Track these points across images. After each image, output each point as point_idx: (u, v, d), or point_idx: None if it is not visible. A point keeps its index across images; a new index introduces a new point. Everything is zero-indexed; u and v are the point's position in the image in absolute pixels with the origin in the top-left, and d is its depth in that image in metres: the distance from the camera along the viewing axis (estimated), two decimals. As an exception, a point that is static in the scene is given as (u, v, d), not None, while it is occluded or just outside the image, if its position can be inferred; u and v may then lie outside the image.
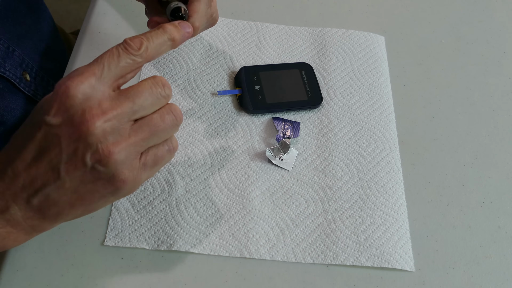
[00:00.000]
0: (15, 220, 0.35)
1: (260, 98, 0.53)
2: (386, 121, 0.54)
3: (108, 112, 0.33)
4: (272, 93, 0.53)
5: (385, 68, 0.58)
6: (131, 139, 0.34)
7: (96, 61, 0.34)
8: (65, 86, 0.32)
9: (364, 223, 0.47)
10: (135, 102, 0.34)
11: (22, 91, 0.53)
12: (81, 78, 0.33)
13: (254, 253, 0.45)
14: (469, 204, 0.50)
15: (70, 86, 0.32)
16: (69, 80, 0.32)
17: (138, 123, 0.35)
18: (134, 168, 0.35)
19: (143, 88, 0.35)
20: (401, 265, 0.45)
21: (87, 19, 0.58)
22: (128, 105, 0.34)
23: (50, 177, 0.34)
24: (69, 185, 0.34)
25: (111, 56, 0.34)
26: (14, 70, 0.52)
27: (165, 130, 0.36)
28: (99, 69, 0.34)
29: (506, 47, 0.63)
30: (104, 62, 0.34)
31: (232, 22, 0.59)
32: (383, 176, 0.50)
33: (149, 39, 0.36)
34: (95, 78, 0.33)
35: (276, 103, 0.53)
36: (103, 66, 0.34)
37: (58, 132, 0.33)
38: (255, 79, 0.54)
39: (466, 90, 0.58)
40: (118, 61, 0.34)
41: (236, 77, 0.55)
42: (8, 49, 0.51)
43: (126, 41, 0.35)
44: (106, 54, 0.34)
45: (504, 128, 0.56)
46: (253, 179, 0.49)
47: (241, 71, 0.54)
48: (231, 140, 0.51)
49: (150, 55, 0.36)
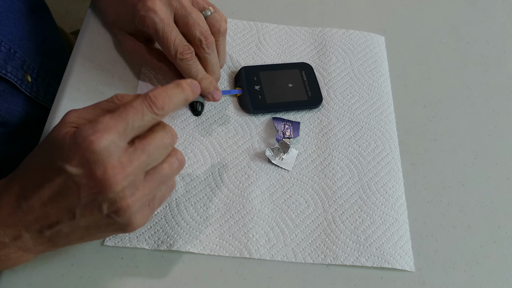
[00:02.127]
0: (27, 246, 0.37)
1: (260, 98, 0.53)
2: (386, 121, 0.54)
3: (127, 168, 0.34)
4: (272, 93, 0.53)
5: (385, 68, 0.58)
6: (145, 190, 0.36)
7: (121, 116, 0.34)
8: (89, 141, 0.33)
9: (364, 223, 0.47)
10: (150, 156, 0.36)
11: (23, 93, 0.53)
12: (105, 135, 0.33)
13: (254, 253, 0.45)
14: (469, 204, 0.50)
15: (94, 141, 0.33)
16: (94, 135, 0.33)
17: (150, 174, 0.37)
18: (145, 214, 0.38)
19: (156, 142, 0.36)
20: (401, 265, 0.45)
21: (87, 19, 0.58)
22: (143, 159, 0.35)
23: (65, 216, 0.35)
24: (83, 225, 0.36)
25: (136, 114, 0.35)
26: (15, 72, 0.52)
27: (172, 176, 0.39)
28: (123, 126, 0.34)
29: (506, 47, 0.63)
30: (128, 119, 0.34)
31: (232, 22, 0.59)
32: (383, 176, 0.50)
33: (170, 98, 0.37)
34: (118, 135, 0.34)
35: (276, 103, 0.53)
36: (127, 123, 0.34)
37: (78, 181, 0.34)
38: (255, 79, 0.54)
39: (466, 90, 0.58)
40: (141, 119, 0.35)
41: (236, 77, 0.55)
42: (10, 50, 0.51)
43: (152, 98, 0.36)
44: (131, 109, 0.35)
45: (504, 128, 0.56)
46: (253, 179, 0.49)
47: (241, 71, 0.54)
48: (231, 140, 0.51)
49: (167, 113, 0.37)
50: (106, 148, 0.33)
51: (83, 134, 0.33)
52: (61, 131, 0.35)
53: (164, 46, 0.46)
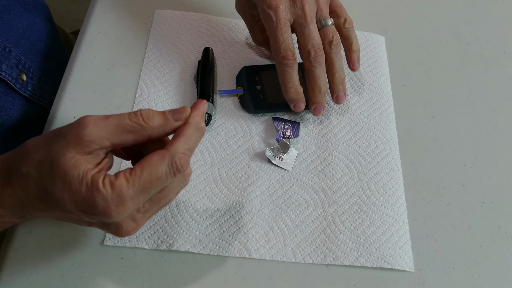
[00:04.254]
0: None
1: (261, 98, 0.53)
2: (386, 121, 0.54)
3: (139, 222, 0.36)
4: (273, 93, 0.53)
5: (385, 68, 0.58)
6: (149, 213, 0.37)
7: (144, 188, 0.33)
8: (108, 212, 0.33)
9: (363, 223, 0.47)
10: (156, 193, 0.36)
11: (18, 92, 0.53)
12: (126, 210, 0.33)
13: (253, 253, 0.45)
14: (469, 204, 0.50)
15: (112, 214, 0.33)
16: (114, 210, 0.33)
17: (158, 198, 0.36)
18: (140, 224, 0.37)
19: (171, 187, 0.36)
20: (401, 266, 0.45)
21: (87, 19, 0.58)
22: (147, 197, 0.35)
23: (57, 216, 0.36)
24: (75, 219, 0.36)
25: (160, 185, 0.34)
26: (10, 71, 0.52)
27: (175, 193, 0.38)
28: (144, 197, 0.34)
29: (506, 47, 0.63)
30: (151, 191, 0.34)
31: (232, 22, 0.59)
32: (383, 177, 0.50)
33: (192, 152, 0.36)
34: (136, 205, 0.34)
35: (277, 103, 0.53)
36: (149, 194, 0.34)
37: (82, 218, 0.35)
38: (256, 79, 0.54)
39: (466, 90, 0.58)
40: (164, 185, 0.35)
41: (238, 76, 0.55)
42: (5, 49, 0.51)
43: (178, 166, 0.34)
44: (156, 181, 0.34)
45: (504, 128, 0.56)
46: (253, 179, 0.49)
47: (242, 71, 0.54)
48: (231, 140, 0.51)
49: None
50: (132, 215, 0.35)
51: (103, 204, 0.32)
52: (78, 162, 0.33)
53: (272, 45, 0.48)
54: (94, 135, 0.33)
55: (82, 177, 0.32)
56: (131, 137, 0.34)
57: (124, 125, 0.34)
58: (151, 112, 0.35)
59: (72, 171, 0.32)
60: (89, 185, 0.32)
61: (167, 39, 0.57)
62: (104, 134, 0.33)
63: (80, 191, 0.32)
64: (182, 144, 0.35)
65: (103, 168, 0.34)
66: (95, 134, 0.33)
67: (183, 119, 0.36)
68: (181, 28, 0.58)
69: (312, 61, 0.48)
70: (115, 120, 0.34)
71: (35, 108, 0.56)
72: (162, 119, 0.35)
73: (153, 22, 0.58)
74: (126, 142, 0.35)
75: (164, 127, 0.35)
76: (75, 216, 0.34)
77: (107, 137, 0.33)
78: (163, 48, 0.56)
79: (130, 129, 0.34)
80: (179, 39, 0.57)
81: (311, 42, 0.47)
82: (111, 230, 0.36)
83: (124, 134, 0.34)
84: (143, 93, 0.53)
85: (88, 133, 0.33)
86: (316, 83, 0.49)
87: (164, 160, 0.34)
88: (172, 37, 0.57)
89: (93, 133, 0.33)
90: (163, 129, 0.35)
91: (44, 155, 0.33)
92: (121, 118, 0.34)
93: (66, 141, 0.33)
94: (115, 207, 0.32)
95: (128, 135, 0.34)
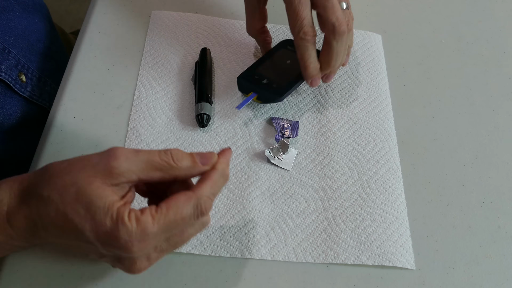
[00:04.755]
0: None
1: (275, 86, 0.52)
2: (384, 119, 0.54)
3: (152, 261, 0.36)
4: (281, 77, 0.52)
5: (383, 66, 0.58)
6: (163, 254, 0.37)
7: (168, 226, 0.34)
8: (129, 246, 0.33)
9: (364, 221, 0.47)
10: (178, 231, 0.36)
11: (18, 93, 0.53)
12: (147, 246, 0.34)
13: (255, 253, 0.45)
14: (469, 204, 0.50)
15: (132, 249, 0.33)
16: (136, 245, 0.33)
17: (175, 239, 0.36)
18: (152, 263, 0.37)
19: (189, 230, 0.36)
20: (402, 263, 0.45)
21: (87, 19, 0.58)
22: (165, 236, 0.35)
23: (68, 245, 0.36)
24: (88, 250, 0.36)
25: (183, 224, 0.35)
26: (9, 72, 0.52)
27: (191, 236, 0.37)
28: (165, 236, 0.34)
29: (506, 47, 0.63)
30: (173, 230, 0.34)
31: (229, 23, 0.59)
32: (382, 175, 0.50)
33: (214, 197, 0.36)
34: (158, 241, 0.34)
35: (290, 81, 0.52)
36: (171, 232, 0.35)
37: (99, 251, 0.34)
38: (256, 77, 0.53)
39: (466, 90, 0.58)
40: (186, 226, 0.35)
41: (240, 88, 0.53)
42: (4, 50, 0.51)
43: (203, 209, 0.35)
44: (181, 221, 0.34)
45: (504, 128, 0.56)
46: (253, 180, 0.49)
47: (240, 81, 0.52)
48: (230, 140, 0.51)
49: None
50: (149, 254, 0.35)
51: (126, 237, 0.32)
52: (104, 192, 0.33)
53: (292, 20, 0.47)
54: (123, 168, 0.33)
55: (108, 208, 0.32)
56: (158, 174, 0.35)
57: (154, 162, 0.34)
58: (180, 153, 0.35)
59: (98, 201, 0.32)
60: (114, 217, 0.32)
61: (164, 40, 0.57)
62: (133, 169, 0.34)
63: (104, 222, 0.32)
64: (209, 188, 0.35)
65: (127, 201, 0.34)
66: (124, 167, 0.33)
67: (210, 164, 0.36)
68: (178, 29, 0.58)
69: (336, 35, 0.47)
70: (146, 156, 0.34)
71: (34, 108, 0.56)
72: (191, 161, 0.36)
73: (149, 23, 0.58)
74: (153, 179, 0.35)
75: (192, 169, 0.36)
76: (90, 247, 0.34)
77: (135, 171, 0.34)
78: (161, 49, 0.56)
79: (159, 167, 0.34)
80: (176, 40, 0.57)
81: (335, 15, 0.46)
82: (124, 265, 0.36)
83: (152, 171, 0.34)
84: (141, 95, 0.53)
85: (118, 166, 0.33)
86: (335, 59, 0.48)
87: (190, 202, 0.34)
88: (169, 38, 0.57)
89: (122, 166, 0.33)
90: (190, 171, 0.36)
91: (69, 182, 0.33)
92: (152, 155, 0.34)
93: (94, 171, 0.33)
94: (137, 242, 0.32)
95: (156, 172, 0.34)
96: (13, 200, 0.34)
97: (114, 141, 0.50)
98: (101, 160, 0.34)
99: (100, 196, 0.32)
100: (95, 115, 0.51)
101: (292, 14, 0.46)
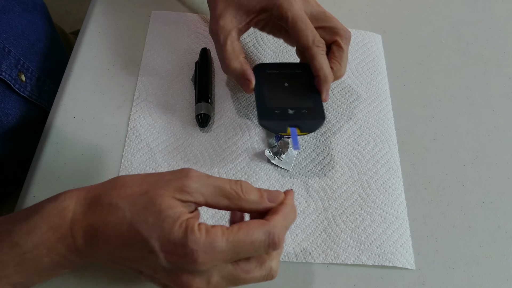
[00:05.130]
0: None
1: (307, 112, 0.47)
2: (384, 119, 0.54)
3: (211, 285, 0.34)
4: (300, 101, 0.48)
5: (383, 66, 0.58)
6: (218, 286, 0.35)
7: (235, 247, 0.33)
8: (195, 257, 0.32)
9: (364, 221, 0.47)
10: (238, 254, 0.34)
11: (17, 92, 0.53)
12: (213, 261, 0.33)
13: (254, 253, 0.44)
14: (469, 204, 0.50)
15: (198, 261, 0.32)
16: (203, 256, 0.32)
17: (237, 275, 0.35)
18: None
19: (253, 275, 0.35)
20: (402, 263, 0.45)
21: (87, 19, 0.58)
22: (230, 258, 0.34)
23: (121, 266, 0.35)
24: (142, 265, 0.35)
25: (251, 250, 0.34)
26: (9, 71, 0.52)
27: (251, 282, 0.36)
28: (232, 257, 0.34)
29: (506, 47, 0.63)
30: (240, 252, 0.33)
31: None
32: (382, 174, 0.50)
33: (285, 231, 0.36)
34: (223, 261, 0.34)
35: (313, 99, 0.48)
36: (237, 255, 0.34)
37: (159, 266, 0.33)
38: (278, 112, 0.47)
39: (466, 90, 0.58)
40: (253, 253, 0.34)
41: (271, 129, 0.47)
42: (4, 49, 0.51)
43: (275, 239, 0.34)
44: (249, 246, 0.33)
45: (504, 128, 0.56)
46: (253, 179, 0.49)
47: (266, 124, 0.46)
48: (230, 140, 0.51)
49: None
50: (208, 274, 0.34)
51: (194, 246, 0.32)
52: (175, 204, 0.33)
53: (302, 33, 0.46)
54: (194, 188, 0.34)
55: (178, 217, 0.33)
56: (225, 202, 0.35)
57: (223, 189, 0.35)
58: (249, 187, 0.36)
59: (168, 211, 0.33)
60: (183, 226, 0.32)
61: (164, 41, 0.57)
62: (202, 191, 0.34)
63: (172, 231, 0.32)
64: (281, 220, 0.35)
65: (195, 217, 0.34)
66: (195, 188, 0.34)
67: (276, 202, 0.37)
68: (178, 29, 0.58)
69: (349, 38, 0.49)
70: (217, 182, 0.35)
71: (33, 108, 0.56)
72: (258, 196, 0.36)
73: (149, 23, 0.58)
74: (219, 206, 0.35)
75: (258, 204, 0.36)
76: (150, 258, 0.33)
77: (204, 194, 0.34)
78: (161, 49, 0.56)
79: (228, 195, 0.35)
80: (176, 40, 0.57)
81: (339, 23, 0.49)
82: (180, 280, 0.34)
83: (221, 198, 0.35)
84: (141, 95, 0.53)
85: (190, 185, 0.34)
86: (345, 63, 0.49)
87: (263, 228, 0.34)
88: (169, 38, 0.57)
89: (193, 186, 0.34)
90: (255, 206, 0.36)
91: (140, 192, 0.34)
92: (223, 182, 0.35)
93: (166, 186, 0.34)
94: (203, 253, 0.32)
95: (223, 199, 0.35)
96: (78, 207, 0.34)
97: (114, 141, 0.50)
98: (174, 177, 0.34)
99: (170, 207, 0.33)
100: (95, 115, 0.51)
101: (301, 27, 0.46)
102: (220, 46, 0.46)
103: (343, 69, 0.48)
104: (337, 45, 0.48)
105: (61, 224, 0.34)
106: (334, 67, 0.48)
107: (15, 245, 0.33)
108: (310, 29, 0.46)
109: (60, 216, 0.34)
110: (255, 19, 0.47)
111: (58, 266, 0.35)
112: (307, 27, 0.46)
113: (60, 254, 0.34)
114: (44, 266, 0.34)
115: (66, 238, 0.34)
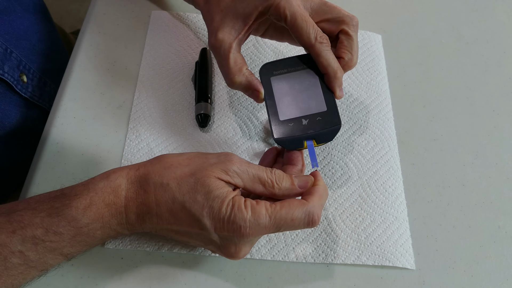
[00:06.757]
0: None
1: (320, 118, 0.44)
2: (384, 119, 0.54)
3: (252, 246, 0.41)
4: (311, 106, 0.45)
5: (383, 66, 0.58)
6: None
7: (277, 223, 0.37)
8: (243, 233, 0.36)
9: (364, 221, 0.47)
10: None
11: (19, 93, 0.53)
12: (258, 235, 0.37)
13: (255, 253, 0.45)
14: (469, 204, 0.50)
15: (246, 235, 0.36)
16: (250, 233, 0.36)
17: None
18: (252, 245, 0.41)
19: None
20: (402, 263, 0.45)
21: (87, 19, 0.58)
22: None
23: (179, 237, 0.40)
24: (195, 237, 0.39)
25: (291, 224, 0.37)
26: (12, 72, 0.52)
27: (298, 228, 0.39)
28: (274, 229, 0.37)
29: (506, 47, 0.63)
30: (281, 227, 0.37)
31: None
32: (382, 175, 0.50)
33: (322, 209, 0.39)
34: (267, 233, 0.37)
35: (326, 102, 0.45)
36: (279, 229, 0.37)
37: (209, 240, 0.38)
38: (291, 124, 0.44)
39: (466, 90, 0.58)
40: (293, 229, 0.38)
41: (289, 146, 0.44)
42: (6, 51, 0.51)
43: (314, 217, 0.37)
44: (290, 223, 0.37)
45: (504, 128, 0.56)
46: (253, 179, 0.48)
47: (283, 142, 0.44)
48: (230, 140, 0.51)
49: None
50: (252, 242, 0.39)
51: (241, 223, 0.36)
52: (221, 184, 0.37)
53: (303, 30, 0.44)
54: (236, 172, 0.38)
55: (225, 197, 0.36)
56: (260, 189, 0.39)
57: (261, 176, 0.39)
58: (282, 175, 0.39)
59: (216, 191, 0.36)
60: (230, 204, 0.36)
61: (164, 41, 0.57)
62: (242, 176, 0.38)
63: (221, 209, 0.36)
64: (318, 200, 0.38)
65: (238, 194, 0.38)
66: (236, 172, 0.38)
67: (307, 188, 0.40)
68: (178, 29, 0.58)
69: (354, 26, 0.47)
70: (255, 169, 0.39)
71: (34, 109, 0.56)
72: (290, 183, 0.39)
73: (149, 23, 0.58)
74: (255, 191, 0.39)
75: (289, 191, 0.39)
76: (202, 233, 0.37)
77: (243, 178, 0.38)
78: (161, 49, 0.56)
79: (264, 182, 0.39)
80: (176, 40, 0.57)
81: (344, 11, 0.47)
82: (228, 251, 0.38)
83: (257, 184, 0.38)
84: (141, 95, 0.53)
85: (233, 169, 0.38)
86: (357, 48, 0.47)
87: (304, 207, 0.37)
88: (169, 38, 0.57)
89: (235, 171, 0.38)
90: (287, 192, 0.39)
91: (188, 173, 0.37)
92: (261, 170, 0.39)
93: (212, 168, 0.37)
94: (249, 228, 0.36)
95: (259, 186, 0.38)
96: (130, 186, 0.37)
97: (114, 141, 0.50)
98: (218, 160, 0.38)
99: (217, 187, 0.36)
100: (95, 115, 0.51)
101: (301, 25, 0.44)
102: (222, 61, 0.45)
103: (355, 58, 0.46)
104: (345, 34, 0.46)
105: (115, 201, 0.37)
106: (346, 56, 0.45)
107: (72, 220, 0.36)
108: (311, 26, 0.44)
109: (114, 194, 0.37)
110: (254, 24, 0.45)
111: (107, 237, 0.39)
112: (307, 24, 0.44)
113: (112, 228, 0.38)
114: (96, 238, 0.38)
115: (119, 214, 0.37)
